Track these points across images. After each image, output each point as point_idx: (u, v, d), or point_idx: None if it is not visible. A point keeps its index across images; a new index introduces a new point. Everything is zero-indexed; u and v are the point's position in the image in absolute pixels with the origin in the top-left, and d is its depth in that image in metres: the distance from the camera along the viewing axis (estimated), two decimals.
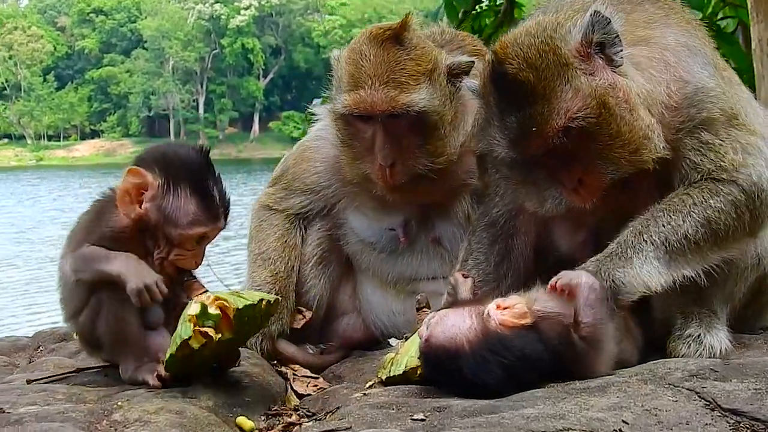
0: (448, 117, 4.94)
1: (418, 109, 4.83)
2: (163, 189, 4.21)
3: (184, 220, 4.21)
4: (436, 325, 3.92)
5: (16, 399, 3.88)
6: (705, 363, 3.85)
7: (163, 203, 4.20)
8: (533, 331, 3.83)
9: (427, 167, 4.91)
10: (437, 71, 4.94)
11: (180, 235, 4.24)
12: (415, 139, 4.90)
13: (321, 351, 5.24)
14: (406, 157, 4.89)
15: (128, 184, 4.22)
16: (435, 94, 4.89)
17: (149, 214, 4.22)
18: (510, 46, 4.05)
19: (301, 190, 5.39)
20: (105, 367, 4.44)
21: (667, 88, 4.12)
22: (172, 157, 4.30)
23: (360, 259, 5.39)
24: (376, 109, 4.82)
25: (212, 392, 4.02)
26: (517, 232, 4.61)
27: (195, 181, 4.25)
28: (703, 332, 4.27)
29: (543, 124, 3.95)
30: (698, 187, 4.15)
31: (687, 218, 4.09)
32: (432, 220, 5.23)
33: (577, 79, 3.97)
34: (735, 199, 4.14)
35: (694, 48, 4.25)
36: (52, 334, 5.57)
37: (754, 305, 4.63)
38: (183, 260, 4.32)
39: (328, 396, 4.27)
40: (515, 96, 4.01)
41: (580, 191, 4.11)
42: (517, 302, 3.90)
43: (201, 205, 4.23)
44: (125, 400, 3.86)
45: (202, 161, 4.33)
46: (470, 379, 3.75)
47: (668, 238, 4.07)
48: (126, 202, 4.22)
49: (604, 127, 3.96)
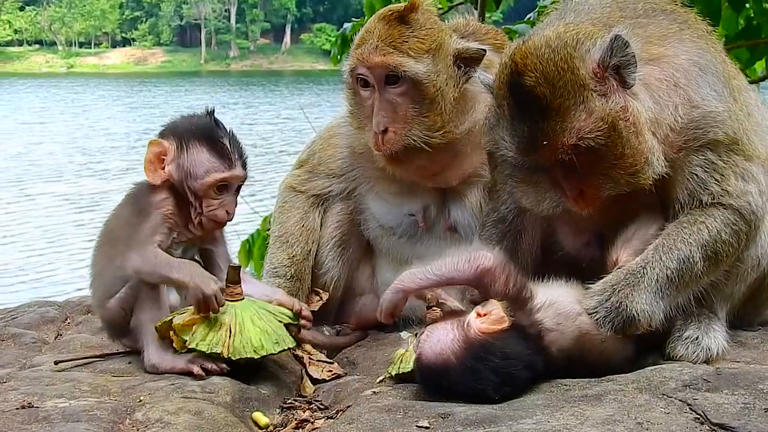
0: (449, 96, 5.06)
1: (412, 75, 4.98)
2: (178, 149, 4.62)
3: (200, 170, 4.61)
4: (424, 342, 4.08)
5: (44, 390, 4.09)
6: (699, 372, 4.00)
7: (180, 161, 4.61)
8: (512, 332, 4.00)
9: (420, 139, 5.03)
10: (442, 51, 5.07)
11: (202, 185, 4.61)
12: (409, 108, 5.03)
13: (337, 332, 5.41)
14: (399, 126, 5.03)
15: (150, 154, 4.63)
16: (435, 69, 5.02)
17: (173, 174, 4.61)
18: (529, 57, 4.12)
19: (325, 174, 5.57)
20: (128, 353, 4.67)
21: (674, 111, 4.20)
22: (181, 123, 4.74)
23: (380, 243, 5.54)
24: (372, 63, 5.02)
25: (229, 386, 4.23)
26: (524, 229, 4.74)
27: (203, 135, 4.65)
28: (702, 334, 4.42)
29: (554, 139, 4.06)
30: (711, 216, 4.29)
31: (697, 252, 4.26)
32: (448, 207, 5.37)
33: (591, 101, 4.06)
34: (739, 229, 4.32)
35: (706, 66, 4.31)
36: (80, 305, 5.78)
37: (752, 302, 4.77)
38: (214, 211, 4.66)
39: (340, 389, 4.45)
40: (529, 107, 4.11)
41: (579, 199, 4.25)
42: (494, 308, 4.05)
43: (212, 153, 4.62)
44: (147, 394, 4.09)
45: (209, 119, 4.71)
46: (463, 390, 3.92)
47: (677, 271, 4.24)
48: (151, 170, 4.62)
49: (611, 148, 4.07)
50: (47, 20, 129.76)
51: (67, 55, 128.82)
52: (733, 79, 4.48)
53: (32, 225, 27.27)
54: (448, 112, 5.06)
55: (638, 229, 4.44)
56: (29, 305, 5.91)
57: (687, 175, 4.29)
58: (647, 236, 4.41)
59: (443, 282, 4.26)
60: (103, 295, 4.63)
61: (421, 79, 4.99)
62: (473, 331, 4.00)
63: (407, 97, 5.04)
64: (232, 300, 4.52)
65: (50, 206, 29.71)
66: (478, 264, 4.17)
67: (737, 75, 4.61)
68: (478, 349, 3.95)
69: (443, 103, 5.04)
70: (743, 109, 4.41)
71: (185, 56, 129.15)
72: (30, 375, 4.37)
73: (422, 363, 4.05)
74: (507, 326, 4.01)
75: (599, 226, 4.53)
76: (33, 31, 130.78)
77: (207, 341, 4.38)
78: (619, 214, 4.44)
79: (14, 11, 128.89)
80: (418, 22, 5.08)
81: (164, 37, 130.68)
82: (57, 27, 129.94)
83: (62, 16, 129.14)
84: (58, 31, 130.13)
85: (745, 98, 4.52)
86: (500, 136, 4.27)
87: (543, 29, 4.40)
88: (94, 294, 4.73)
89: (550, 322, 4.10)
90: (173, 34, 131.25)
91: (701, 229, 4.27)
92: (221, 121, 4.73)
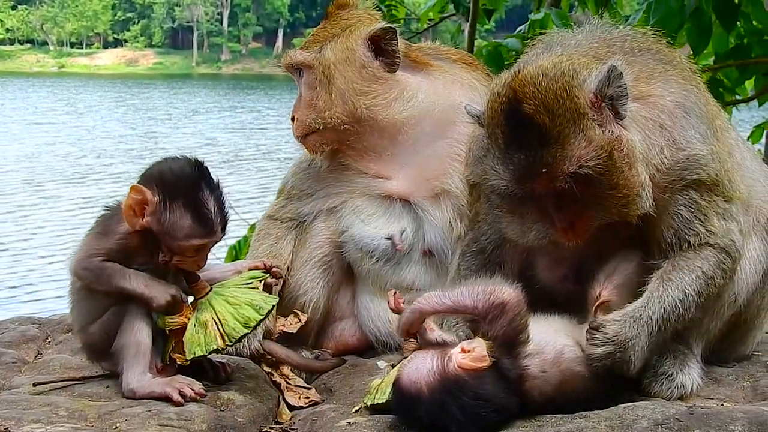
0: (348, 76, 5.42)
1: (296, 63, 5.53)
2: (161, 205, 4.50)
3: (180, 234, 4.51)
4: (404, 366, 4.10)
5: (21, 414, 4.10)
6: (671, 411, 3.98)
7: (162, 218, 4.50)
8: (490, 373, 3.99)
9: (315, 120, 5.45)
10: (345, 39, 5.46)
11: (179, 246, 4.54)
12: (307, 94, 5.51)
13: (316, 357, 5.43)
14: (301, 111, 5.51)
15: (131, 200, 4.52)
16: (324, 55, 5.44)
17: (151, 226, 4.52)
18: (528, 86, 4.13)
19: (297, 197, 5.66)
20: (106, 377, 4.69)
21: (660, 152, 4.26)
22: (167, 174, 4.58)
23: (359, 266, 5.57)
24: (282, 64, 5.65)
25: (205, 414, 4.24)
26: (503, 261, 4.76)
27: (189, 197, 4.53)
28: (676, 371, 4.46)
29: (553, 167, 4.07)
30: (704, 259, 4.36)
31: (692, 298, 4.33)
32: (423, 230, 5.46)
33: (590, 130, 4.09)
34: (727, 268, 4.40)
35: (690, 108, 4.37)
36: (61, 323, 5.78)
37: (728, 339, 4.81)
38: (185, 264, 4.63)
39: (316, 418, 4.47)
40: (527, 135, 4.11)
41: (568, 230, 4.27)
42: (477, 345, 4.04)
43: (195, 220, 4.51)
44: (124, 420, 4.10)
45: (197, 176, 4.59)
46: (430, 422, 3.91)
47: (671, 318, 4.32)
48: (130, 215, 4.53)
49: (606, 177, 4.10)
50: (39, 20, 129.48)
51: (58, 55, 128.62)
52: (716, 119, 4.54)
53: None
54: (344, 91, 5.40)
55: (619, 264, 4.48)
56: (11, 321, 5.91)
57: (672, 214, 4.35)
58: (628, 271, 4.45)
59: (459, 309, 4.22)
60: (84, 320, 4.65)
61: (308, 65, 5.46)
62: (452, 366, 3.99)
63: (306, 85, 5.51)
64: (201, 297, 4.62)
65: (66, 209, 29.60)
66: (495, 296, 4.12)
67: (719, 115, 4.67)
68: (451, 384, 3.94)
69: (337, 83, 5.40)
70: (725, 149, 4.47)
71: (176, 58, 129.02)
72: (8, 398, 4.37)
73: (398, 387, 4.06)
74: (486, 366, 3.99)
75: (579, 259, 4.56)
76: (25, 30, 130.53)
77: (201, 344, 4.48)
78: (599, 249, 4.48)
79: (6, 10, 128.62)
80: (336, 16, 5.55)
81: (156, 38, 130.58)
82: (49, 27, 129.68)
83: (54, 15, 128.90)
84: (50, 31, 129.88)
85: (726, 138, 4.59)
86: (491, 166, 4.27)
87: (534, 60, 4.44)
88: (76, 319, 4.74)
89: (535, 369, 4.09)
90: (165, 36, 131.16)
91: (699, 276, 4.33)
92: (208, 173, 4.63)
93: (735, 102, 9.95)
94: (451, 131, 5.44)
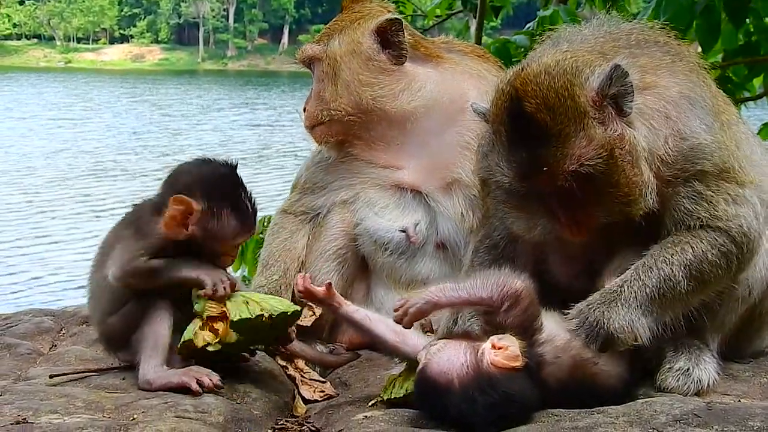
0: (353, 68, 5.50)
1: (305, 58, 5.65)
2: (207, 213, 4.57)
3: (228, 235, 4.64)
4: (433, 355, 4.04)
5: (39, 405, 4.10)
6: (690, 407, 3.97)
7: (209, 225, 4.58)
8: (521, 373, 3.98)
9: (323, 111, 5.54)
10: (353, 31, 5.54)
11: (224, 245, 4.67)
12: (317, 86, 5.63)
13: (330, 351, 5.41)
14: (312, 103, 5.61)
15: (174, 211, 4.55)
16: (331, 48, 5.54)
17: (196, 233, 4.58)
18: (529, 84, 4.15)
19: (311, 190, 5.71)
20: (122, 368, 4.69)
21: (665, 143, 4.25)
22: (208, 181, 4.65)
23: (373, 259, 5.60)
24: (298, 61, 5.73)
25: (222, 406, 4.23)
26: (516, 256, 4.75)
27: (231, 200, 4.64)
28: (692, 365, 4.44)
29: (554, 165, 4.09)
30: (696, 237, 4.30)
31: (680, 271, 4.25)
32: (437, 223, 5.49)
33: (591, 129, 4.10)
34: (728, 251, 4.31)
35: (695, 99, 4.35)
36: (75, 315, 5.80)
37: (743, 333, 4.78)
38: (226, 262, 4.77)
39: (332, 411, 4.48)
40: (529, 133, 4.14)
41: (572, 227, 4.28)
42: (511, 344, 4.02)
43: (240, 220, 4.64)
44: (141, 412, 4.09)
45: (234, 177, 4.72)
46: (455, 415, 3.90)
47: (658, 289, 4.24)
48: (173, 226, 4.57)
49: (607, 176, 4.11)
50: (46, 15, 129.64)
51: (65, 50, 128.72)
52: (722, 113, 4.52)
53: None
54: (349, 83, 5.49)
55: (626, 257, 4.45)
56: (25, 313, 5.95)
57: (673, 206, 4.33)
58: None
59: (473, 301, 4.22)
60: (104, 311, 4.66)
61: (317, 58, 5.56)
62: (485, 362, 3.97)
63: (316, 77, 5.62)
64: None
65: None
66: (507, 286, 4.14)
67: (727, 109, 4.64)
68: (483, 382, 3.91)
69: (342, 75, 5.49)
70: (732, 141, 4.44)
71: (182, 54, 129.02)
72: (25, 389, 4.38)
73: (424, 376, 4.02)
74: (520, 365, 3.98)
75: (590, 255, 4.55)
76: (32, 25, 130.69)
77: (245, 312, 4.51)
78: (610, 244, 4.48)
79: (14, 5, 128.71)
80: (349, 9, 5.64)
81: (162, 34, 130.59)
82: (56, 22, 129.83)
83: (61, 11, 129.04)
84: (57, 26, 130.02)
85: (734, 131, 4.55)
86: (495, 163, 4.30)
87: (539, 57, 4.43)
88: (94, 311, 4.77)
89: (549, 356, 4.11)
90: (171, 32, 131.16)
91: (685, 249, 4.28)
92: (240, 175, 4.76)
93: (744, 99, 9.93)
94: (461, 120, 5.47)
